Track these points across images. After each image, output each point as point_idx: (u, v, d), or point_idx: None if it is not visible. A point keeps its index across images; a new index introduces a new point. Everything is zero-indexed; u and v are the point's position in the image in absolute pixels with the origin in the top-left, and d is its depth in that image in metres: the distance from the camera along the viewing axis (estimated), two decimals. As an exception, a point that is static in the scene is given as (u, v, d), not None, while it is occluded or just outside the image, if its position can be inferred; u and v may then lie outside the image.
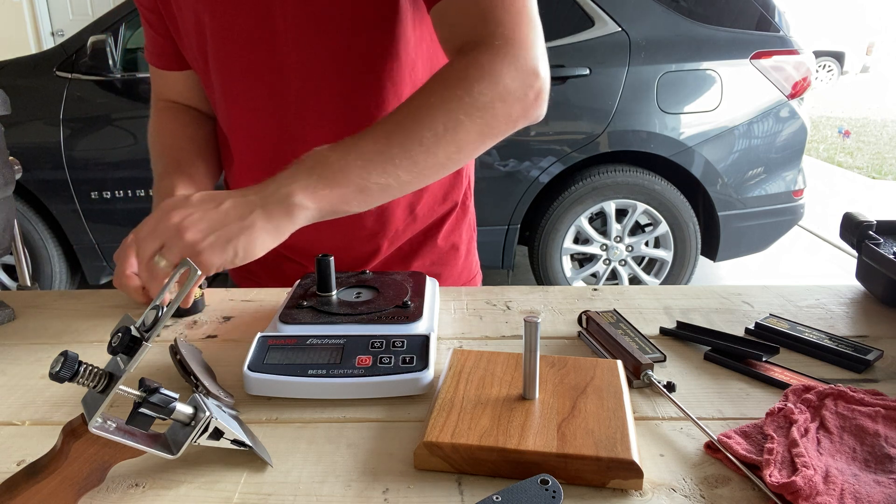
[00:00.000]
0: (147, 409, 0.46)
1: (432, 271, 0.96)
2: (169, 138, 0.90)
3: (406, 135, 0.63)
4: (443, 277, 0.97)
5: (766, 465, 0.48)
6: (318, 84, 0.79)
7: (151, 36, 0.90)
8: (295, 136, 0.82)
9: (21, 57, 2.99)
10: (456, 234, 0.98)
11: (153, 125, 0.93)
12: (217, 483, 0.49)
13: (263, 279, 0.98)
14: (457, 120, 0.64)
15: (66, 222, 2.86)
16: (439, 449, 0.49)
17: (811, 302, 0.81)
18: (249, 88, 0.82)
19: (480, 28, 0.67)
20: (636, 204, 2.89)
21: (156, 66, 0.93)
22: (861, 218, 0.81)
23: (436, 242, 0.96)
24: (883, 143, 7.63)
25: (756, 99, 2.81)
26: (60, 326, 0.78)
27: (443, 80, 0.65)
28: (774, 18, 2.82)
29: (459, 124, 0.64)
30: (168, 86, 0.94)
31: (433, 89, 0.65)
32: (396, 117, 0.64)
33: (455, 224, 0.97)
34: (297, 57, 0.78)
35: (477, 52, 0.66)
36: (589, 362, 0.60)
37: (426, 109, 0.64)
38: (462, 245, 0.99)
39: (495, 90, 0.65)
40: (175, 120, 0.93)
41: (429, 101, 0.64)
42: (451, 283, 0.99)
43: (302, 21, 0.77)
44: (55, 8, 7.39)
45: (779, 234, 3.05)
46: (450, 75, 0.65)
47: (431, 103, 0.64)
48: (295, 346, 0.63)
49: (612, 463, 0.48)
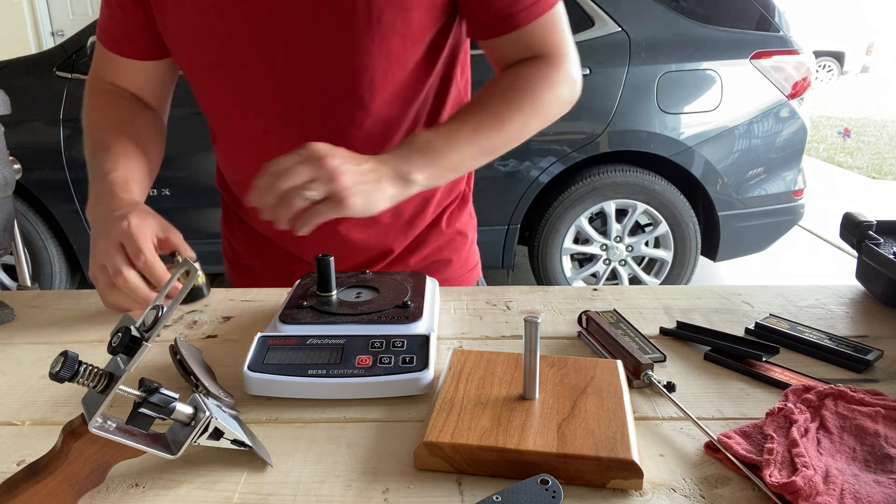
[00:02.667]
0: (147, 409, 0.46)
1: (442, 257, 0.99)
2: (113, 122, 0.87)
3: (490, 131, 0.80)
4: (453, 263, 1.01)
5: (766, 465, 0.48)
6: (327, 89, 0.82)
7: (120, 21, 0.86)
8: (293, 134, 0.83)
9: (21, 57, 3.00)
10: (460, 221, 1.02)
11: (92, 102, 0.90)
12: (217, 483, 0.49)
13: (266, 280, 0.98)
14: (526, 120, 0.82)
15: (66, 222, 2.86)
16: (439, 449, 0.49)
17: (811, 302, 0.81)
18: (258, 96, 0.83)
19: (536, 50, 0.83)
20: (636, 204, 2.89)
21: (118, 53, 0.88)
22: (861, 218, 0.81)
23: (441, 229, 0.99)
24: (883, 143, 7.63)
25: (756, 99, 2.81)
26: (60, 326, 0.78)
27: (514, 89, 0.82)
28: (774, 18, 2.82)
29: (527, 124, 0.82)
30: (120, 73, 0.90)
31: (508, 97, 0.81)
32: (479, 116, 0.80)
33: (458, 211, 1.01)
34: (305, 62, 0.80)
35: (537, 66, 0.83)
36: (589, 362, 0.60)
37: (505, 113, 0.80)
38: (467, 231, 1.03)
39: (554, 97, 0.83)
40: (122, 105, 0.90)
41: (505, 105, 0.81)
42: (459, 267, 1.01)
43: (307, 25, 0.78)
44: (55, 8, 7.39)
45: (779, 234, 3.05)
46: (518, 84, 0.82)
47: (507, 108, 0.81)
48: (295, 346, 0.63)
49: (612, 463, 0.48)
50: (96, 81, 0.92)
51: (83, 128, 0.89)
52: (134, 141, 0.85)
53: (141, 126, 0.89)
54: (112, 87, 0.91)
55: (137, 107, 0.91)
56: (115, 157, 0.81)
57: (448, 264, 1.00)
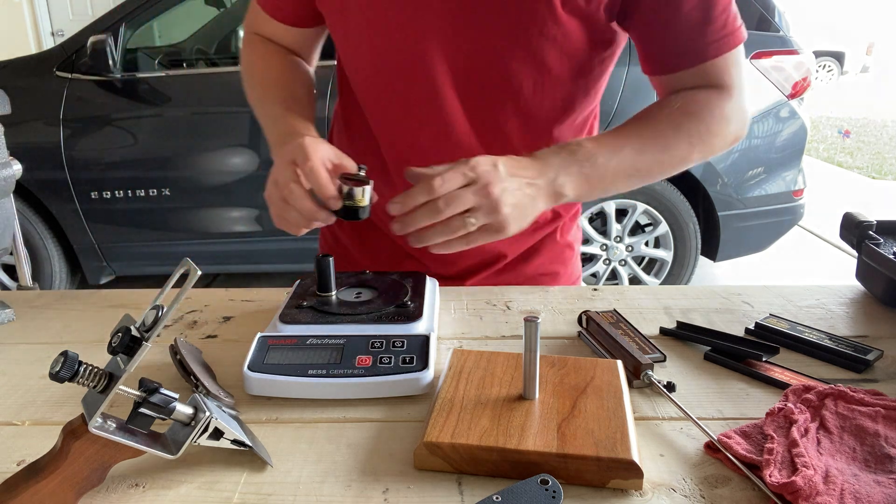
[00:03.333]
0: (147, 409, 0.46)
1: (551, 270, 0.97)
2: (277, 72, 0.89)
3: (652, 156, 0.76)
4: (560, 276, 0.98)
5: (766, 465, 0.48)
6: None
7: None
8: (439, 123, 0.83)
9: (21, 57, 3.00)
10: (571, 233, 0.99)
11: (253, 53, 0.92)
12: (217, 483, 0.49)
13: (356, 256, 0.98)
14: (690, 150, 0.78)
15: (66, 222, 2.86)
16: (439, 449, 0.49)
17: (811, 302, 0.81)
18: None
19: (713, 82, 0.79)
20: (636, 204, 2.89)
21: (270, 15, 0.90)
22: (861, 218, 0.81)
23: (555, 240, 0.96)
24: (883, 143, 7.63)
25: (756, 99, 2.81)
26: (60, 326, 0.78)
27: (686, 115, 0.77)
28: (774, 18, 2.82)
29: (690, 154, 0.78)
30: (272, 32, 0.92)
31: (678, 121, 0.77)
32: (644, 136, 0.76)
33: (570, 223, 0.98)
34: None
35: (712, 95, 0.78)
36: (589, 362, 0.60)
37: (672, 138, 0.77)
38: (575, 244, 1.01)
39: (724, 131, 0.79)
40: (283, 57, 0.92)
41: (673, 131, 0.77)
42: (566, 280, 0.99)
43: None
44: (55, 8, 7.39)
45: (779, 234, 3.04)
46: (692, 111, 0.77)
47: (674, 133, 0.77)
48: (295, 346, 0.63)
49: (612, 463, 0.48)
50: (251, 34, 0.95)
51: (245, 75, 0.92)
52: (298, 90, 0.87)
53: (302, 74, 0.91)
54: (267, 41, 0.93)
55: (294, 58, 0.93)
56: (286, 102, 0.84)
57: (556, 277, 0.97)
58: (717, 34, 0.77)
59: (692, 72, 0.78)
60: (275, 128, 0.82)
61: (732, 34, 0.78)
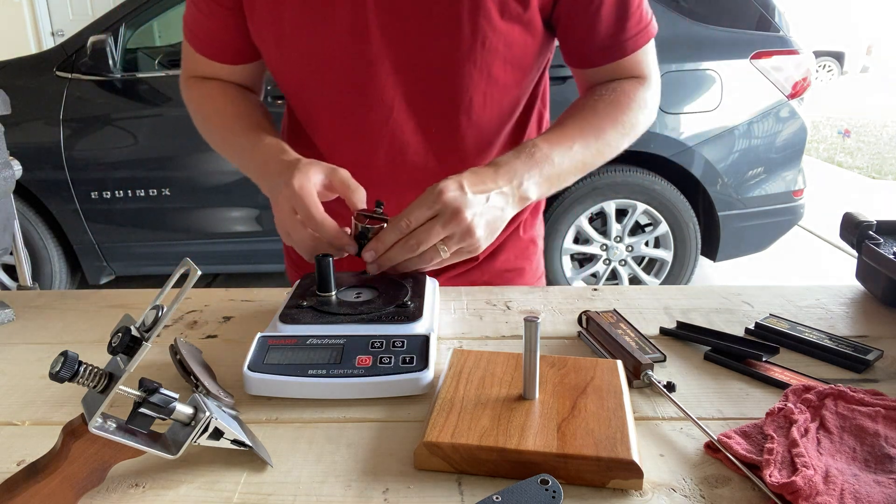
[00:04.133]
0: (147, 409, 0.46)
1: (516, 266, 0.98)
2: (231, 106, 0.89)
3: (595, 149, 0.81)
4: (525, 272, 1.00)
5: (766, 465, 0.48)
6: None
7: (208, 29, 0.87)
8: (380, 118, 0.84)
9: (21, 57, 3.00)
10: (534, 228, 1.01)
11: (200, 95, 0.91)
12: (217, 483, 0.49)
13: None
14: (623, 139, 0.84)
15: (66, 222, 2.86)
16: (439, 449, 0.49)
17: (811, 302, 0.81)
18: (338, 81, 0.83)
19: (631, 73, 0.86)
20: (636, 204, 2.89)
21: (211, 58, 0.89)
22: (861, 218, 0.81)
23: (519, 236, 0.98)
24: (883, 143, 7.63)
25: (756, 99, 2.81)
26: (60, 326, 0.78)
27: (617, 106, 0.83)
28: (774, 18, 2.82)
29: (620, 142, 0.84)
30: (216, 73, 0.92)
31: (612, 114, 0.82)
32: (586, 130, 0.80)
33: (532, 218, 1.00)
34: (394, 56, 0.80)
35: (633, 86, 0.85)
36: (589, 362, 0.60)
37: (609, 130, 0.82)
38: (538, 239, 1.03)
39: (645, 118, 0.86)
40: (229, 91, 0.91)
41: (610, 124, 0.82)
42: (529, 277, 1.01)
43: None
44: (55, 8, 7.39)
45: (779, 234, 3.05)
46: (621, 102, 0.83)
47: (611, 126, 0.82)
48: (295, 346, 0.63)
49: (612, 463, 0.48)
50: (190, 79, 0.93)
51: (196, 117, 0.91)
52: (257, 115, 0.88)
53: (255, 104, 0.91)
54: (208, 79, 0.92)
55: (242, 90, 0.93)
56: (253, 130, 0.84)
57: (521, 273, 0.99)
58: (633, 30, 0.83)
59: (613, 66, 0.85)
60: (251, 161, 0.82)
61: (646, 28, 0.85)
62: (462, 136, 0.85)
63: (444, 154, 0.87)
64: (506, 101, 0.85)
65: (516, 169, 0.74)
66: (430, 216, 0.69)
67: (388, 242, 0.71)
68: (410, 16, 0.77)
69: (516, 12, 0.78)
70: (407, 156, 0.86)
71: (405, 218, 0.69)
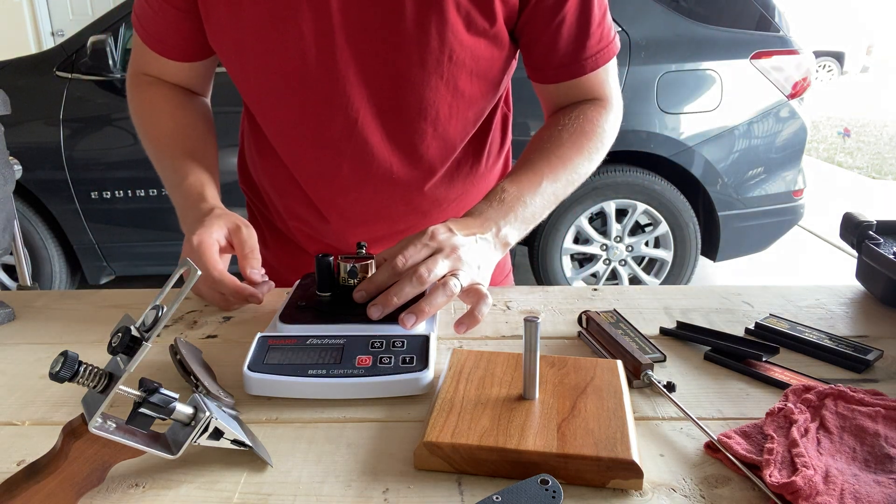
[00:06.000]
0: (147, 409, 0.46)
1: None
2: (170, 121, 0.88)
3: (565, 179, 0.83)
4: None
5: (766, 465, 0.48)
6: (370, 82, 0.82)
7: (158, 25, 0.86)
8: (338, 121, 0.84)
9: (21, 57, 3.00)
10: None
11: (143, 101, 0.90)
12: (217, 483, 0.49)
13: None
14: (589, 166, 0.85)
15: (66, 222, 2.86)
16: (439, 449, 0.49)
17: (811, 302, 0.81)
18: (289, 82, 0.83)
19: (591, 94, 0.87)
20: (636, 204, 2.89)
21: (161, 54, 0.88)
22: (861, 218, 0.81)
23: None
24: (883, 143, 7.63)
25: (756, 99, 2.81)
26: (60, 326, 0.78)
27: (582, 134, 0.84)
28: (774, 18, 2.82)
29: (590, 169, 0.85)
30: (163, 70, 0.90)
31: (578, 142, 0.84)
32: (553, 163, 0.82)
33: None
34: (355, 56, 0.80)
35: (596, 111, 0.86)
36: (589, 362, 0.60)
37: (575, 158, 0.83)
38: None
39: (609, 138, 0.88)
40: (171, 100, 0.90)
41: (576, 153, 0.83)
42: (497, 273, 0.99)
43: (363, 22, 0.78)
44: (55, 8, 7.39)
45: (779, 234, 3.05)
46: (585, 129, 0.84)
47: (577, 154, 0.83)
48: (295, 346, 0.63)
49: (612, 463, 0.48)
50: (137, 76, 0.92)
51: (136, 125, 0.90)
52: (193, 137, 0.88)
53: (195, 118, 0.91)
54: (155, 80, 0.91)
55: (185, 97, 0.92)
56: (183, 161, 0.84)
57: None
58: (593, 49, 0.83)
59: (571, 83, 0.85)
60: (172, 196, 0.84)
61: (607, 48, 0.85)
62: (427, 145, 0.86)
63: (409, 163, 0.87)
64: (471, 112, 0.86)
65: (491, 216, 0.76)
66: (427, 254, 0.69)
67: (381, 282, 0.69)
68: (377, 29, 0.77)
69: (483, 27, 0.78)
70: (371, 166, 0.86)
71: (399, 256, 0.68)
